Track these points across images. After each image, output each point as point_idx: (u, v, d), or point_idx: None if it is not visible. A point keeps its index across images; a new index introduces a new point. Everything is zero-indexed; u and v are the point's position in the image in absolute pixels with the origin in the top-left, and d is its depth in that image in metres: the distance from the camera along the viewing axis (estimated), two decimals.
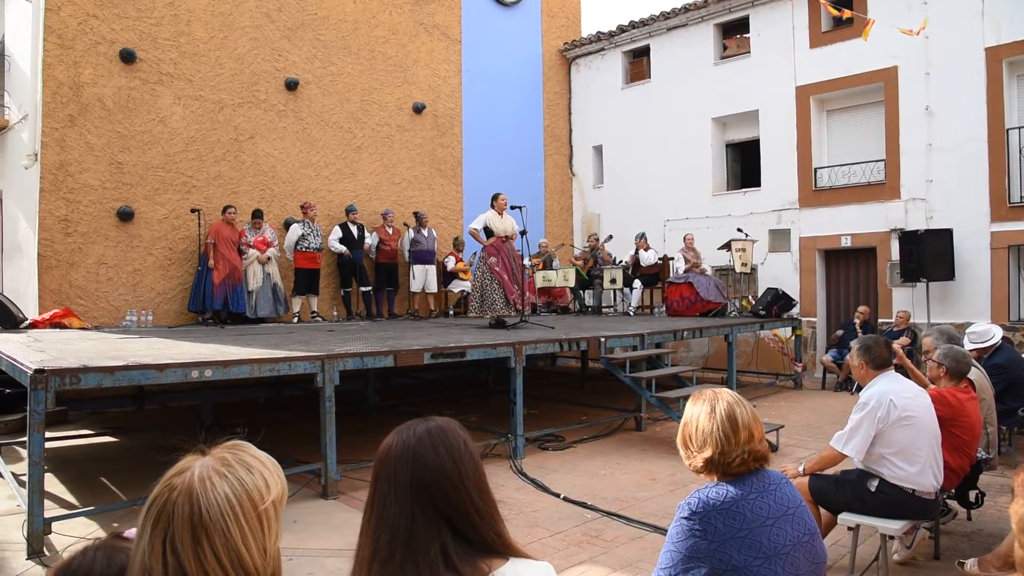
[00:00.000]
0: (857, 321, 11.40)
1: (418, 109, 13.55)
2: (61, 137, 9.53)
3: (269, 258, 10.70)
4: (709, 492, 2.14)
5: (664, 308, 12.67)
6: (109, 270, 9.91)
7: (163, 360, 5.29)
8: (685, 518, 2.10)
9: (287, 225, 11.40)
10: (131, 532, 1.56)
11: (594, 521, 5.34)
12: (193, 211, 10.18)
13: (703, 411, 2.26)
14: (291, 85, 11.73)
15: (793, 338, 12.10)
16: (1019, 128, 10.53)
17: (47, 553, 4.58)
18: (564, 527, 5.19)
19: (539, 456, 7.39)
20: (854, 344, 4.26)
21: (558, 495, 5.95)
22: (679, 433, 2.35)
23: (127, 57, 10.02)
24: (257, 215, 10.78)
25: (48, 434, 5.42)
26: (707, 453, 2.19)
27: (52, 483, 6.29)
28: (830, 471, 4.25)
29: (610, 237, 13.93)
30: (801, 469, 4.17)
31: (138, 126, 10.18)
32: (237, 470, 1.28)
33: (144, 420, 9.58)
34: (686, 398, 8.26)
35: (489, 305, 9.28)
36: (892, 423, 3.86)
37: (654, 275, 13.21)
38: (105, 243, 9.87)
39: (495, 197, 9.58)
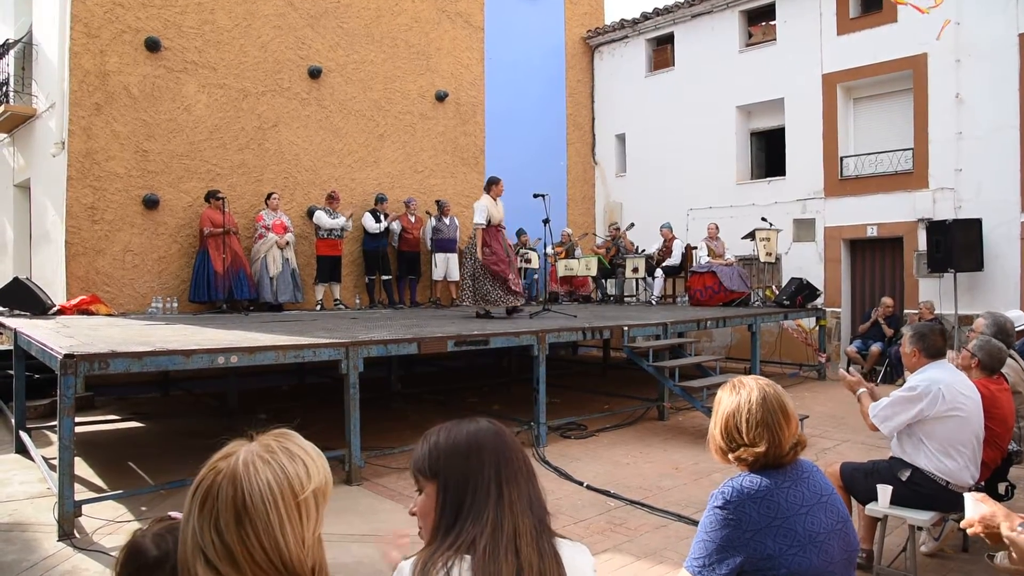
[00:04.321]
0: (878, 313, 11.26)
1: (441, 97, 13.53)
2: (88, 125, 9.61)
3: (288, 243, 10.72)
4: (743, 481, 2.11)
5: (687, 297, 12.60)
6: (135, 257, 10.01)
7: (190, 346, 5.34)
8: (719, 507, 2.07)
9: (310, 213, 11.45)
10: (178, 514, 1.58)
11: (617, 509, 5.34)
12: (218, 198, 10.18)
13: (753, 399, 2.15)
14: (314, 73, 11.74)
15: (817, 328, 11.98)
16: None
17: (78, 535, 4.65)
18: (587, 515, 5.19)
19: (562, 444, 7.38)
20: (906, 331, 4.21)
21: (581, 483, 5.95)
22: (720, 424, 2.22)
23: (152, 45, 10.08)
24: (269, 195, 10.79)
25: (76, 419, 5.49)
26: (761, 447, 2.11)
27: (81, 467, 6.38)
28: (862, 460, 4.23)
29: (631, 225, 13.85)
30: (858, 389, 4.26)
31: (163, 114, 10.25)
32: (280, 457, 1.30)
33: (170, 406, 9.70)
34: (710, 387, 8.12)
35: (482, 296, 9.14)
36: (937, 414, 3.81)
37: (676, 266, 13.13)
38: (131, 230, 9.96)
39: (496, 182, 9.23)
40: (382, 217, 11.74)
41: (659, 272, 12.96)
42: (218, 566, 1.22)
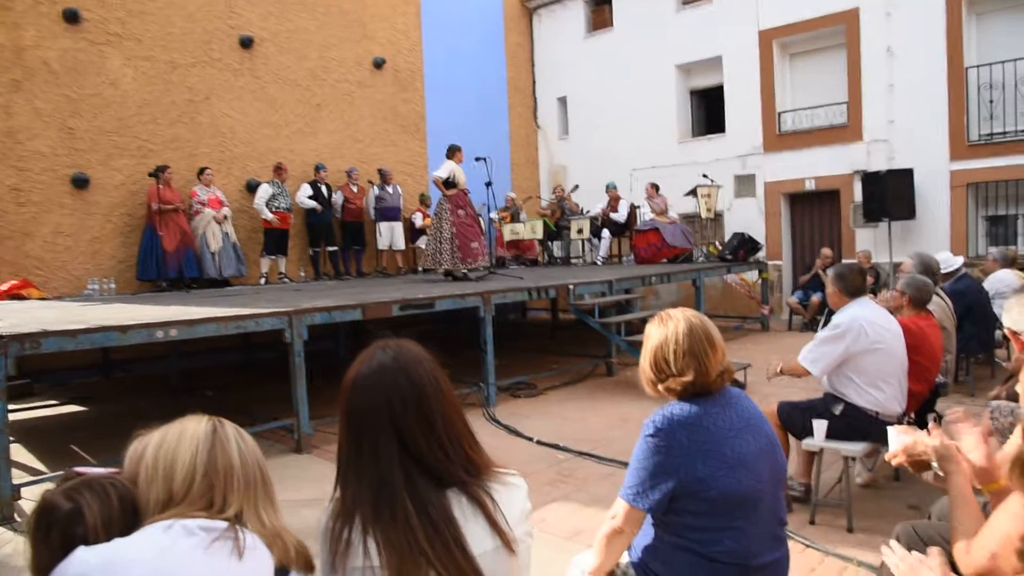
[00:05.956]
0: (819, 265, 11.52)
1: (378, 64, 13.30)
2: (6, 103, 9.20)
3: (226, 217, 10.47)
4: (673, 409, 2.15)
5: (632, 256, 12.71)
6: (67, 239, 9.68)
7: (126, 322, 5.21)
8: (650, 435, 2.12)
9: (250, 187, 11.21)
10: (83, 469, 1.54)
11: (566, 461, 5.42)
12: (152, 175, 9.88)
13: (680, 331, 2.19)
14: (246, 43, 11.41)
15: (760, 281, 12.23)
16: (978, 67, 10.59)
17: (17, 519, 4.55)
18: (537, 468, 5.26)
19: (511, 403, 7.45)
20: (830, 271, 4.35)
21: (531, 439, 6.02)
22: (649, 357, 2.26)
23: (71, 17, 9.66)
24: (202, 170, 10.50)
25: (13, 406, 5.33)
26: (688, 376, 2.15)
27: (21, 453, 6.24)
28: (799, 398, 4.37)
29: (576, 187, 13.89)
30: (778, 369, 4.28)
31: (88, 89, 9.86)
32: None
33: (112, 389, 9.48)
34: None
35: (448, 257, 9.17)
36: (862, 349, 3.94)
37: (622, 224, 13.22)
38: (61, 211, 9.62)
39: (459, 149, 9.53)
40: (322, 188, 11.53)
41: (606, 232, 13.02)
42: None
